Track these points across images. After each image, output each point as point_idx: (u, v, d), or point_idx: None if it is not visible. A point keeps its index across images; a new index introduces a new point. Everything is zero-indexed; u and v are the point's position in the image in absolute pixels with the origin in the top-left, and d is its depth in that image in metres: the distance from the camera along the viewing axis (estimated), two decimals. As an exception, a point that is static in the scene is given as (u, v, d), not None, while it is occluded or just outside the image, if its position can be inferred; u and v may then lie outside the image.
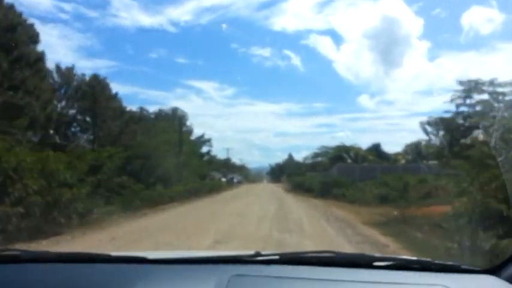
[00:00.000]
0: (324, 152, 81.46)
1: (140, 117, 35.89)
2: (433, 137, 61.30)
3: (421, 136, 57.18)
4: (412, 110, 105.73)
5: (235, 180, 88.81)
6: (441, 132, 56.93)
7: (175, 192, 26.89)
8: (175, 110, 55.43)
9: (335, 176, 44.04)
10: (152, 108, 55.63)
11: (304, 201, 29.38)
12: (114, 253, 2.02)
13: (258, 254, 1.88)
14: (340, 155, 54.64)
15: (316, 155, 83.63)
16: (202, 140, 66.06)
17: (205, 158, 66.84)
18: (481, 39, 73.50)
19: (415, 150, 55.38)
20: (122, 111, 31.02)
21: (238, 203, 26.14)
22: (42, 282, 1.74)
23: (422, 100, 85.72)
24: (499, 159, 6.36)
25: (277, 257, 1.87)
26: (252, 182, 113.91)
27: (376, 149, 58.98)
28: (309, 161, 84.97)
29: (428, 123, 65.67)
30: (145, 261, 1.89)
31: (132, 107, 37.94)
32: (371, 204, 22.54)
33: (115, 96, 31.47)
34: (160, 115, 49.52)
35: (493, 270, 1.76)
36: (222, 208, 21.96)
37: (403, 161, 54.99)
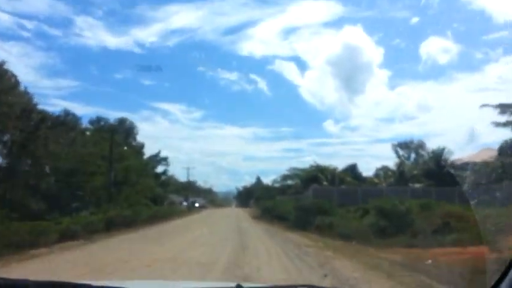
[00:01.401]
0: (294, 174, 75.80)
1: (63, 122, 27.76)
2: (404, 160, 58.57)
3: (385, 162, 52.95)
4: (375, 136, 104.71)
5: (196, 204, 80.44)
6: (413, 155, 58.42)
7: (84, 224, 18.47)
8: (122, 121, 47.43)
9: (310, 199, 37.58)
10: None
11: (278, 237, 21.38)
12: (94, 283, 1.94)
13: (238, 287, 1.88)
14: (314, 175, 47.69)
15: (285, 177, 78.33)
16: (158, 159, 57.94)
17: (162, 178, 58.58)
18: (438, 69, 74.11)
19: (397, 172, 49.71)
20: (29, 110, 22.87)
21: (180, 239, 18.15)
22: None
23: (384, 127, 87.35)
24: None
25: None
26: (218, 206, 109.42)
27: (352, 170, 52.57)
28: (278, 184, 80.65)
29: (400, 145, 63.18)
30: None
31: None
32: (371, 242, 15.44)
33: (17, 88, 23.32)
34: (97, 124, 41.30)
35: None
36: (142, 251, 14.08)
37: (383, 184, 48.61)
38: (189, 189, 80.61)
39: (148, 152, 52.95)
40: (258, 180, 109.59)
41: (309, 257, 12.37)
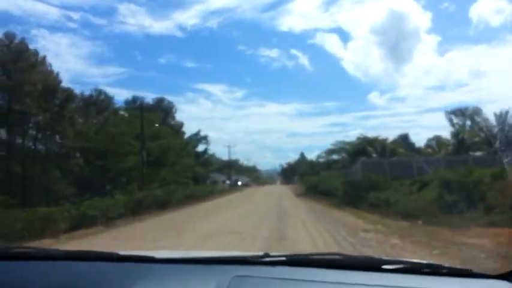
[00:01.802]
0: (339, 148, 72.84)
1: (94, 102, 26.33)
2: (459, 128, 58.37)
3: (437, 132, 49.64)
4: (425, 106, 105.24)
5: (239, 182, 79.03)
6: (468, 123, 53.58)
7: (105, 208, 16.33)
8: (160, 101, 45.99)
9: (359, 173, 34.79)
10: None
11: (326, 218, 17.63)
12: (122, 252, 2.00)
13: (265, 255, 1.88)
14: (362, 148, 44.42)
15: (330, 152, 75.67)
16: (198, 138, 56.50)
17: (203, 157, 57.26)
18: (491, 32, 69.08)
19: (455, 140, 45.61)
20: (53, 88, 21.37)
21: (208, 225, 15.16)
22: (51, 279, 1.75)
23: (434, 96, 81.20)
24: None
25: (283, 259, 1.85)
26: (262, 184, 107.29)
27: (404, 140, 48.72)
28: (323, 159, 78.24)
29: (454, 113, 59.07)
30: (152, 260, 1.90)
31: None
32: (440, 221, 12.67)
33: (41, 67, 21.83)
34: (133, 104, 39.97)
35: (506, 276, 1.69)
36: (168, 238, 11.97)
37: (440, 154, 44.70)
38: (231, 167, 79.14)
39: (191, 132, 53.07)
40: (302, 156, 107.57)
41: (371, 248, 9.36)
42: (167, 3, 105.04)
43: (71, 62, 73.12)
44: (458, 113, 62.99)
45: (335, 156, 68.39)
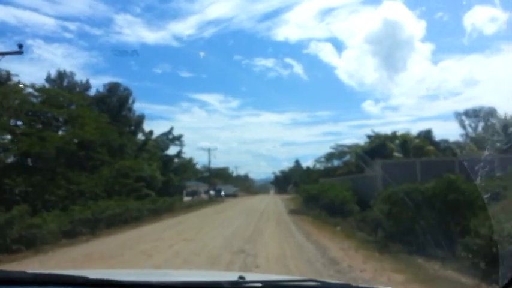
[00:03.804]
0: (341, 151, 63.15)
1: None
2: (470, 130, 51.78)
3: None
4: (418, 114, 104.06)
5: (222, 193, 68.11)
6: (481, 124, 51.17)
7: None
8: (114, 87, 35.03)
9: (378, 180, 24.68)
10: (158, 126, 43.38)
11: None
12: (92, 274, 1.89)
13: (240, 280, 1.85)
14: (375, 148, 33.84)
15: (330, 156, 66.04)
16: (169, 138, 45.60)
17: (175, 162, 46.30)
18: (485, 41, 70.60)
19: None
20: None
21: None
22: None
23: (428, 104, 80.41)
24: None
25: (259, 284, 1.84)
26: (254, 193, 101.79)
27: (427, 137, 38.21)
28: (321, 165, 68.69)
29: (467, 114, 53.92)
30: (123, 286, 1.88)
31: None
32: None
33: None
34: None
35: None
36: None
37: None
38: (219, 176, 68.50)
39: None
40: (297, 163, 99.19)
41: None
42: (163, 14, 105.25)
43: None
44: (471, 113, 55.70)
45: (336, 162, 61.47)
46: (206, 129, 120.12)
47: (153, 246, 13.06)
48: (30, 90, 19.97)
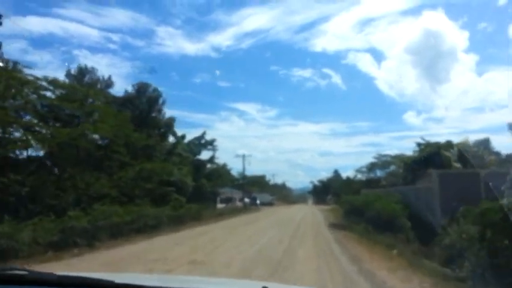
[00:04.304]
0: (383, 161, 59.47)
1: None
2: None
3: None
4: (463, 127, 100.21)
5: (258, 201, 65.43)
6: None
7: None
8: (143, 87, 33.10)
9: (436, 191, 21.70)
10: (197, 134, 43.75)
11: None
12: (118, 279, 1.96)
13: None
14: (427, 158, 30.11)
15: (372, 166, 62.31)
16: (202, 143, 43.52)
17: (208, 168, 44.12)
18: None
19: None
20: None
21: None
22: None
23: (473, 116, 78.99)
24: None
25: None
26: (291, 203, 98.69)
27: (485, 146, 34.10)
28: (362, 176, 65.05)
29: None
30: None
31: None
32: None
33: None
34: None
35: None
36: None
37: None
38: (246, 182, 65.99)
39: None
40: (336, 173, 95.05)
41: None
42: (203, 26, 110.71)
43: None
44: None
45: (379, 173, 55.11)
46: (244, 137, 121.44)
47: (146, 270, 10.27)
48: (43, 83, 18.22)
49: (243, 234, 20.07)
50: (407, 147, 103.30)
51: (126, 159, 21.95)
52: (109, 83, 27.23)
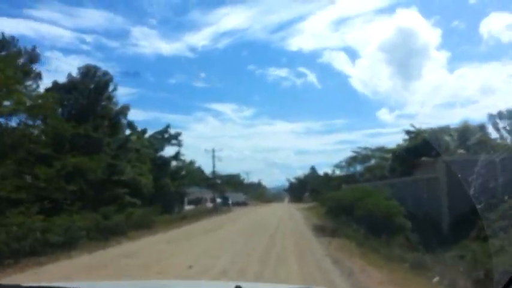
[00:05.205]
0: (363, 155, 56.49)
1: None
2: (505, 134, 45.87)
3: None
4: (434, 123, 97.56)
5: (230, 202, 60.90)
6: None
7: None
8: (90, 70, 28.09)
9: (443, 185, 17.99)
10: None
11: None
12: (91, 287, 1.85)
13: None
14: (418, 146, 26.30)
15: (352, 160, 59.77)
16: (165, 137, 38.57)
17: (173, 165, 39.24)
18: (502, 48, 68.17)
19: None
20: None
21: None
22: None
23: (444, 112, 77.39)
24: None
25: None
26: (267, 202, 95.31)
27: (483, 131, 30.56)
28: (341, 171, 63.10)
29: (500, 116, 46.55)
30: None
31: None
32: None
33: None
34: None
35: None
36: None
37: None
38: (217, 181, 61.44)
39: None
40: (313, 170, 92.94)
41: None
42: (179, 25, 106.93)
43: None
44: (506, 115, 49.84)
45: (359, 167, 53.68)
46: (220, 137, 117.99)
47: None
48: None
49: (191, 253, 13.97)
50: (380, 143, 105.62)
51: (47, 151, 16.74)
52: (34, 56, 21.88)
